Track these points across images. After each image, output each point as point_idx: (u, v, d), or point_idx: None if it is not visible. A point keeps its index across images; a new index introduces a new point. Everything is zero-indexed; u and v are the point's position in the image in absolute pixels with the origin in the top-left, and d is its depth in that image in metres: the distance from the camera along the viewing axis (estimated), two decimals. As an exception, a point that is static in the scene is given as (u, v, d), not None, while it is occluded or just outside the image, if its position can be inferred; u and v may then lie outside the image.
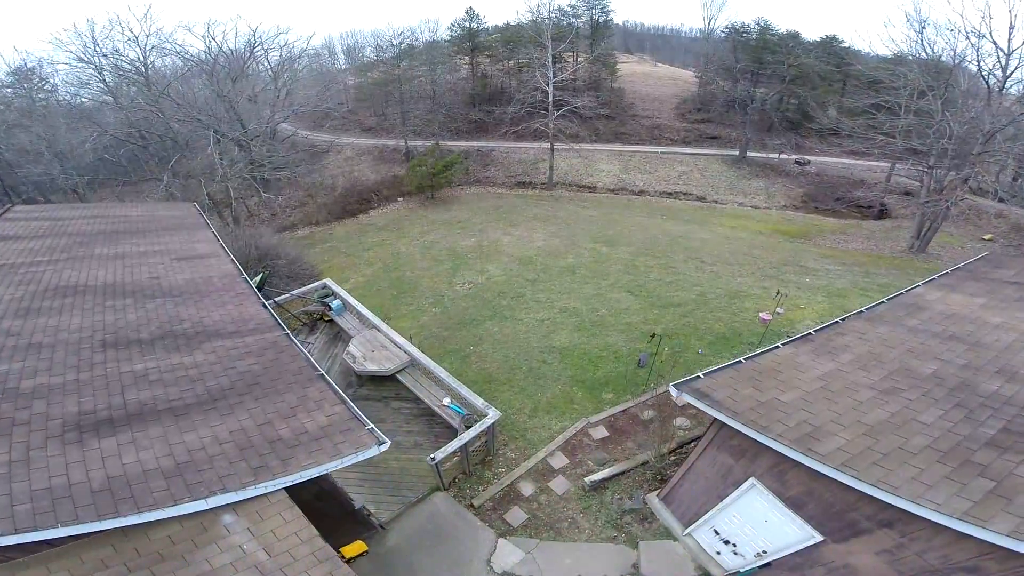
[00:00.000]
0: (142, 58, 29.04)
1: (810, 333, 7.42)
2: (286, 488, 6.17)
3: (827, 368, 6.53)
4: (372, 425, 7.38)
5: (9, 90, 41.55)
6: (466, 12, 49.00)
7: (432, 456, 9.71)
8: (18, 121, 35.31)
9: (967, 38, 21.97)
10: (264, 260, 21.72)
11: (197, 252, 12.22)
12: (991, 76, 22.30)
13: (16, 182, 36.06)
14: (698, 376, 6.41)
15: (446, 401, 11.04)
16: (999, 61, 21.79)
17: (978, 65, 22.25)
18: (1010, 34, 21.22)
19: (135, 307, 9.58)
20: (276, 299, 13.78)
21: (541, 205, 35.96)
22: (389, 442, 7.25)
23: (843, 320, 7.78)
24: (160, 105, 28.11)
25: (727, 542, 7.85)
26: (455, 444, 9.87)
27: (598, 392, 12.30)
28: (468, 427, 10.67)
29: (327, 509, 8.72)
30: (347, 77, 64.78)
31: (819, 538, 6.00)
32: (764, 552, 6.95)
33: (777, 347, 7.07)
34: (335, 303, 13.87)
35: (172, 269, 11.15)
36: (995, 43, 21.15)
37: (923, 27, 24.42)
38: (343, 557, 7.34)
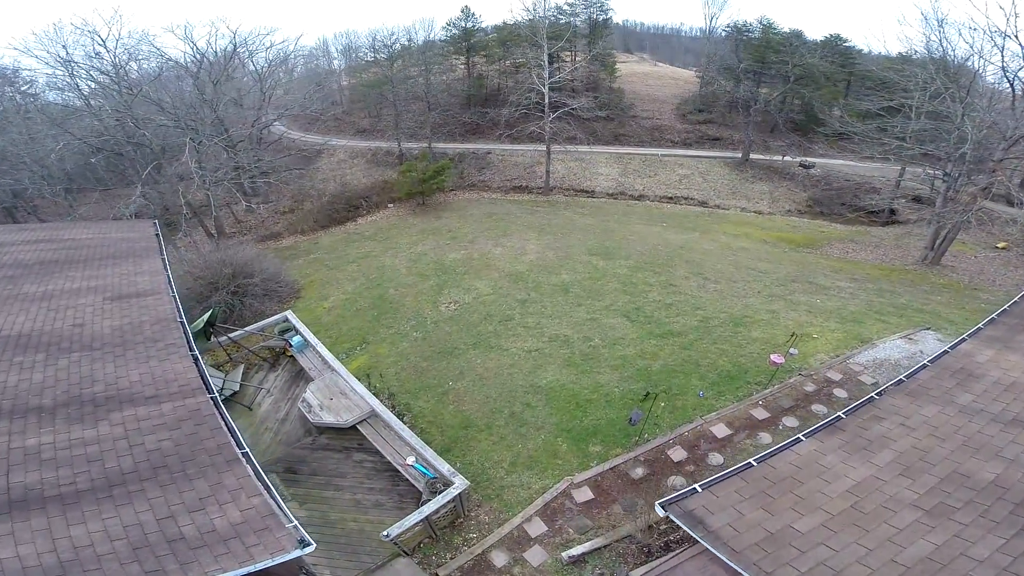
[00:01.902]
0: (112, 62, 27.69)
1: (840, 416, 6.04)
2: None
3: (860, 474, 5.19)
4: (295, 522, 6.23)
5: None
6: (462, 11, 47.50)
7: (387, 532, 8.44)
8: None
9: (991, 38, 20.43)
10: (237, 279, 20.49)
11: (136, 289, 10.94)
12: (1016, 79, 20.78)
13: (6, 186, 34.75)
14: (694, 489, 5.08)
15: (410, 460, 9.76)
16: (1024, 63, 20.26)
17: (1003, 67, 20.72)
18: (1035, 34, 19.68)
19: (45, 365, 8.33)
20: (231, 335, 12.49)
21: (536, 212, 34.57)
22: (314, 544, 6.14)
23: (880, 395, 6.41)
24: (132, 111, 26.78)
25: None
26: (414, 518, 8.60)
27: (585, 444, 10.98)
28: (434, 492, 9.40)
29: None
30: (341, 78, 63.43)
31: None
32: None
33: (799, 440, 5.71)
34: (295, 339, 12.58)
35: (101, 313, 9.87)
36: (1021, 44, 19.63)
37: (941, 24, 22.87)
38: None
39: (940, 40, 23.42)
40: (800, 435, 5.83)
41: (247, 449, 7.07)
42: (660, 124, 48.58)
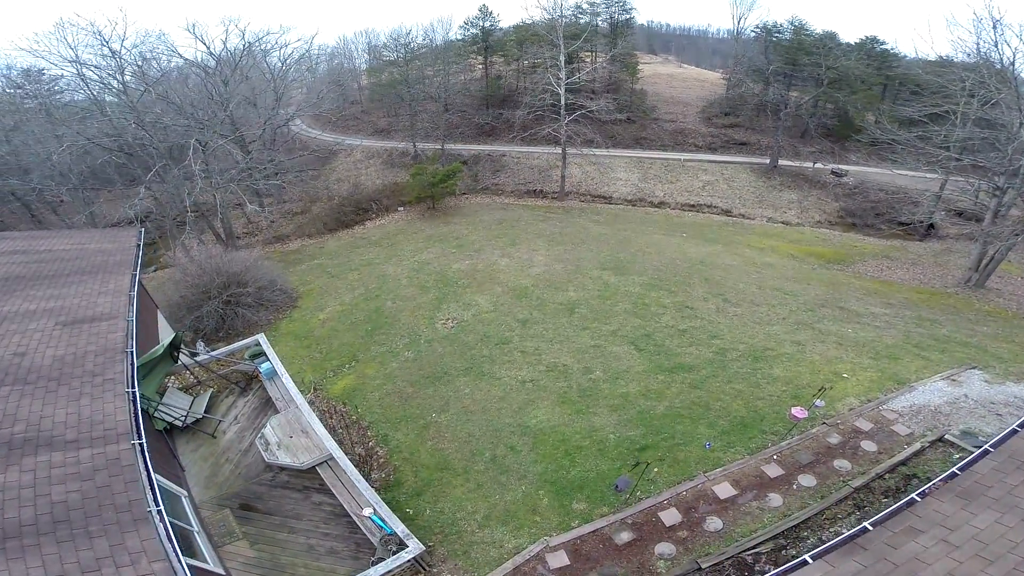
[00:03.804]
0: (118, 63, 27.61)
1: (866, 528, 4.72)
2: None
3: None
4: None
5: (20, 91, 41.29)
6: (479, 10, 46.55)
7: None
8: (17, 126, 34.72)
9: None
10: (230, 288, 19.93)
11: (93, 312, 10.21)
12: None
13: (14, 188, 35.45)
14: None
15: (367, 512, 8.76)
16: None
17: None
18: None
19: (-32, 401, 7.61)
20: (197, 359, 11.72)
21: (549, 219, 33.30)
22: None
23: (923, 497, 5.06)
24: (140, 111, 26.62)
25: None
26: (358, 582, 7.59)
27: (568, 499, 9.76)
28: (387, 549, 8.39)
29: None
30: (360, 77, 63.35)
31: None
32: None
33: (804, 563, 4.44)
34: (264, 365, 11.74)
35: (48, 341, 9.15)
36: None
37: (996, 26, 20.70)
38: None
39: (997, 42, 21.24)
40: (807, 556, 4.55)
41: (162, 507, 6.22)
42: (684, 127, 46.66)
